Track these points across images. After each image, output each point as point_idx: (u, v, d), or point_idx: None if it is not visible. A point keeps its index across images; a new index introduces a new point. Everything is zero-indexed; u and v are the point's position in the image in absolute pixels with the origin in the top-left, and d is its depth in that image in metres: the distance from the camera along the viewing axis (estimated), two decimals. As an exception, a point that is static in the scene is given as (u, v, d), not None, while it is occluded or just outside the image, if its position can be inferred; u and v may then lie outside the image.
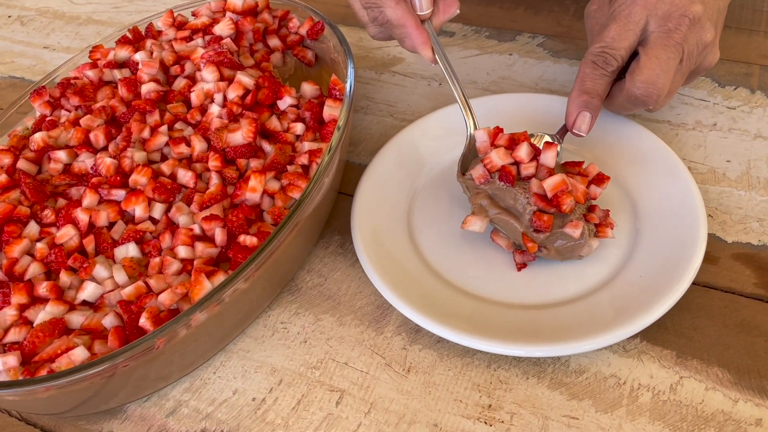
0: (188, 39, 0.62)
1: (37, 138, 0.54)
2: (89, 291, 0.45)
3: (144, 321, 0.42)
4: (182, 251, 0.46)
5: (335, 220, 0.56)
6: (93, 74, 0.60)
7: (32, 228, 0.49)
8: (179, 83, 0.58)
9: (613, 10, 0.52)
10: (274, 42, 0.63)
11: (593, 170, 0.49)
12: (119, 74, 0.60)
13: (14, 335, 0.42)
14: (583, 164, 0.49)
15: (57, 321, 0.42)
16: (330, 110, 0.54)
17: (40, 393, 0.39)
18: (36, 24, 0.91)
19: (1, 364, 0.40)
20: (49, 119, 0.57)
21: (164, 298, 0.43)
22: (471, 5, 0.78)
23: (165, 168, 0.51)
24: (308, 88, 0.57)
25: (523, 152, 0.47)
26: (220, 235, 0.47)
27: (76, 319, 0.43)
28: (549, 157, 0.47)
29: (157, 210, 0.49)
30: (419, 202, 0.55)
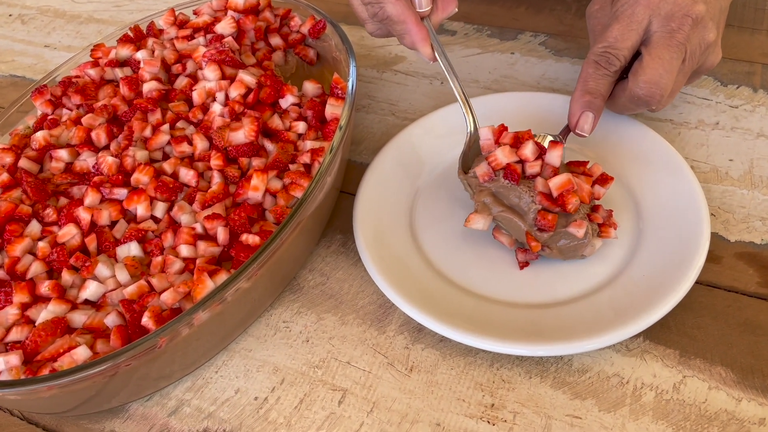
0: (190, 37, 0.62)
1: (39, 137, 0.54)
2: (91, 290, 0.45)
3: (146, 320, 0.42)
4: (184, 250, 0.46)
5: (337, 219, 0.56)
6: (94, 73, 0.60)
7: (34, 227, 0.48)
8: (181, 82, 0.58)
9: (615, 10, 0.51)
10: (276, 40, 0.63)
11: (597, 170, 0.49)
12: (121, 73, 0.60)
13: (16, 334, 0.42)
14: (588, 164, 0.49)
15: (59, 320, 0.42)
16: (332, 109, 0.54)
17: (43, 392, 0.39)
18: (37, 23, 0.91)
19: (3, 364, 0.40)
20: (50, 118, 0.57)
21: (166, 297, 0.43)
22: (473, 4, 0.78)
23: (167, 167, 0.51)
24: (310, 87, 0.57)
25: (528, 150, 0.47)
26: (222, 234, 0.47)
27: (78, 318, 0.43)
28: (554, 156, 0.47)
29: (159, 209, 0.49)
30: (421, 201, 0.55)
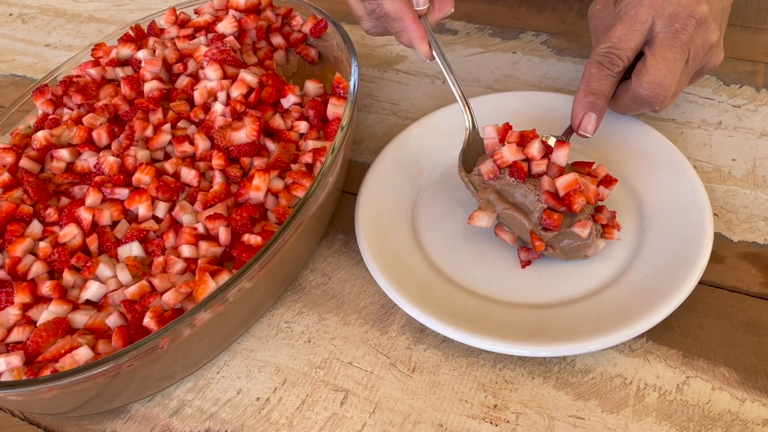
0: (191, 37, 0.62)
1: (40, 136, 0.54)
2: (93, 290, 0.44)
3: (148, 320, 0.42)
4: (186, 250, 0.46)
5: (339, 219, 0.56)
6: (95, 72, 0.60)
7: (35, 227, 0.48)
8: (182, 81, 0.58)
9: (618, 10, 0.51)
10: (278, 40, 0.63)
11: (602, 172, 0.49)
12: (122, 72, 0.59)
13: (17, 335, 0.42)
14: (593, 165, 0.49)
15: (60, 320, 0.42)
16: (334, 108, 0.53)
17: (44, 393, 0.39)
18: (37, 22, 0.91)
19: (4, 364, 0.40)
20: (51, 117, 0.57)
21: (168, 298, 0.43)
22: (474, 3, 0.78)
23: (168, 166, 0.51)
24: (312, 87, 0.57)
25: (535, 149, 0.47)
26: (224, 234, 0.46)
27: (80, 318, 0.43)
28: (561, 156, 0.47)
29: (161, 209, 0.49)
30: (423, 201, 0.55)
